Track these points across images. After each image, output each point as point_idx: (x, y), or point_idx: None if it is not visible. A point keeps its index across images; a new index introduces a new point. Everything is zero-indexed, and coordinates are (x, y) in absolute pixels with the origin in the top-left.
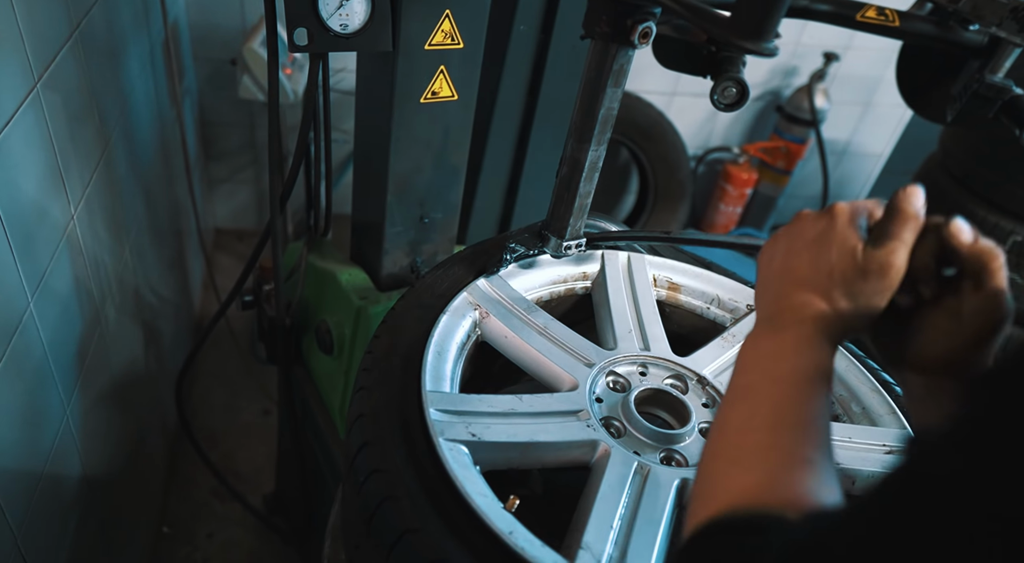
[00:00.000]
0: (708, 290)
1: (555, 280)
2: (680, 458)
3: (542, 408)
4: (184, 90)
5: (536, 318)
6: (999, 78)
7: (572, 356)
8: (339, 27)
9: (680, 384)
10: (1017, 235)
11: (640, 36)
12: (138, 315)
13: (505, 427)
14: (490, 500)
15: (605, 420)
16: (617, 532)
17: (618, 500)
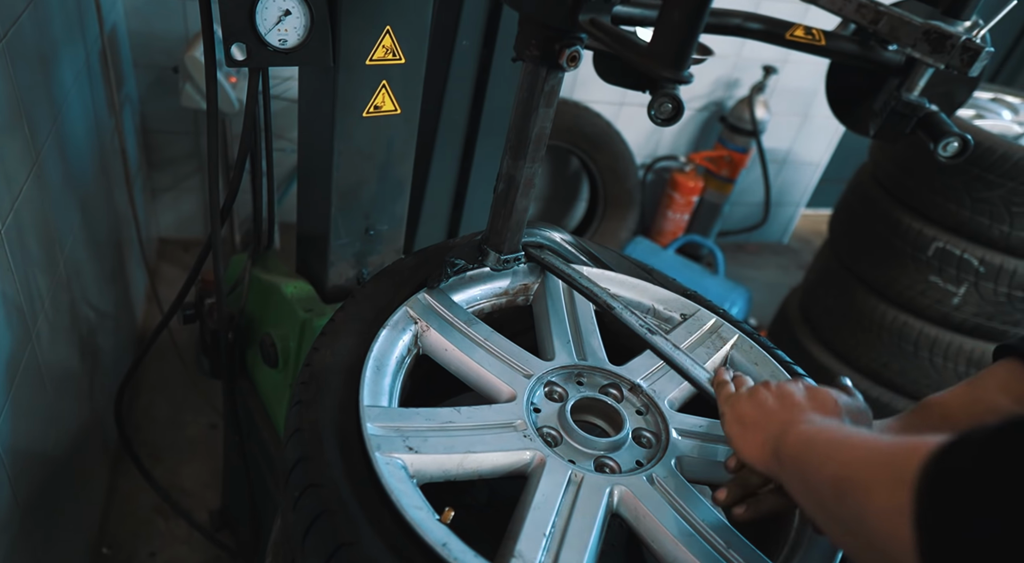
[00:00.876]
0: (644, 301)
1: (496, 292)
2: (613, 465)
3: (480, 420)
4: (124, 98)
5: (476, 330)
6: (914, 96)
7: (511, 367)
8: (278, 42)
9: (616, 392)
10: (939, 242)
11: (568, 60)
12: (75, 331)
13: (442, 440)
14: (425, 513)
15: (542, 430)
16: (549, 540)
17: (552, 508)
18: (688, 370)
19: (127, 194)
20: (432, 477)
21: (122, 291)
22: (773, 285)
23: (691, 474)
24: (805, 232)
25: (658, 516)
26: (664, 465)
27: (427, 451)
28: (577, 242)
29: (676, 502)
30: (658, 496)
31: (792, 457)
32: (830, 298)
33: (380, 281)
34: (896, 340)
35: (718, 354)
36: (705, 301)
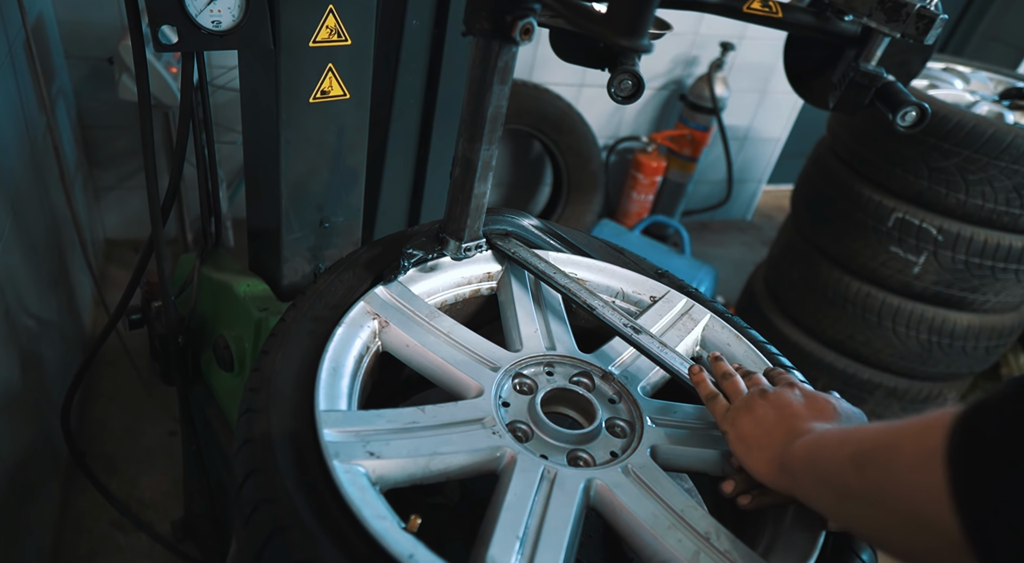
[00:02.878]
0: (612, 284)
1: (459, 282)
2: (587, 457)
3: (446, 418)
4: (56, 92)
5: (439, 324)
6: (872, 66)
7: (477, 361)
8: (211, 24)
9: (587, 382)
10: (898, 212)
11: (521, 32)
12: (11, 341)
13: (406, 442)
14: (389, 523)
15: (512, 425)
16: (523, 542)
17: (525, 508)
18: (679, 371)
19: (65, 195)
20: (397, 482)
21: (65, 297)
22: (738, 262)
23: (667, 462)
24: (767, 208)
25: (635, 509)
26: (640, 454)
27: (390, 456)
28: (545, 226)
29: (653, 493)
30: (635, 488)
31: (802, 461)
32: (794, 273)
33: (334, 275)
34: (860, 311)
35: (690, 336)
36: (677, 281)
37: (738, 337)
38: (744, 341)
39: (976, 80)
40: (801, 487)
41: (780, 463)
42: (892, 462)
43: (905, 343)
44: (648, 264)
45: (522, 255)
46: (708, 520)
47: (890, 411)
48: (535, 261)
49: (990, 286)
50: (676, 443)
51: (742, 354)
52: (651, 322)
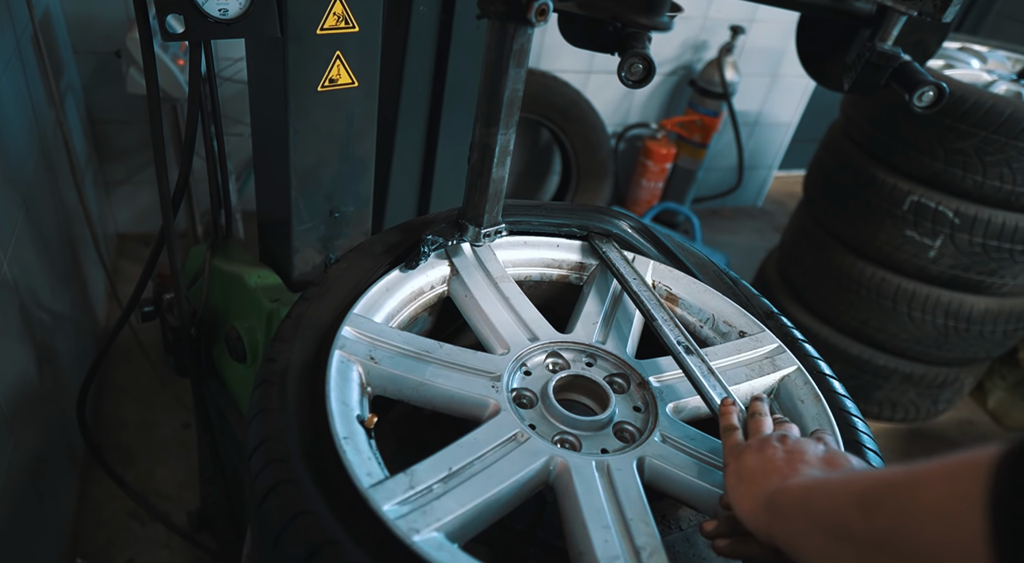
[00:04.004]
0: (705, 309)
1: (550, 264)
2: (573, 441)
3: (457, 360)
4: (65, 87)
5: (506, 288)
6: (888, 46)
7: (521, 327)
8: (218, 12)
9: (620, 382)
10: (914, 196)
11: (537, 13)
12: (27, 335)
13: (409, 362)
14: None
15: (518, 390)
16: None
17: (477, 450)
18: (710, 397)
19: (76, 190)
20: (385, 391)
21: (79, 291)
22: (750, 249)
23: (651, 479)
24: (779, 194)
25: (583, 499)
26: (624, 460)
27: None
28: (657, 236)
29: (613, 492)
30: (596, 482)
31: (795, 498)
32: (808, 258)
33: (343, 265)
34: (875, 296)
35: (762, 380)
36: (785, 328)
37: (817, 398)
38: (822, 404)
39: (993, 59)
40: (787, 531)
41: (768, 500)
42: (911, 506)
43: (921, 328)
44: (760, 302)
45: (610, 255)
46: (651, 538)
47: (906, 396)
48: (619, 263)
49: (1008, 269)
50: (670, 464)
51: (812, 415)
52: (723, 354)
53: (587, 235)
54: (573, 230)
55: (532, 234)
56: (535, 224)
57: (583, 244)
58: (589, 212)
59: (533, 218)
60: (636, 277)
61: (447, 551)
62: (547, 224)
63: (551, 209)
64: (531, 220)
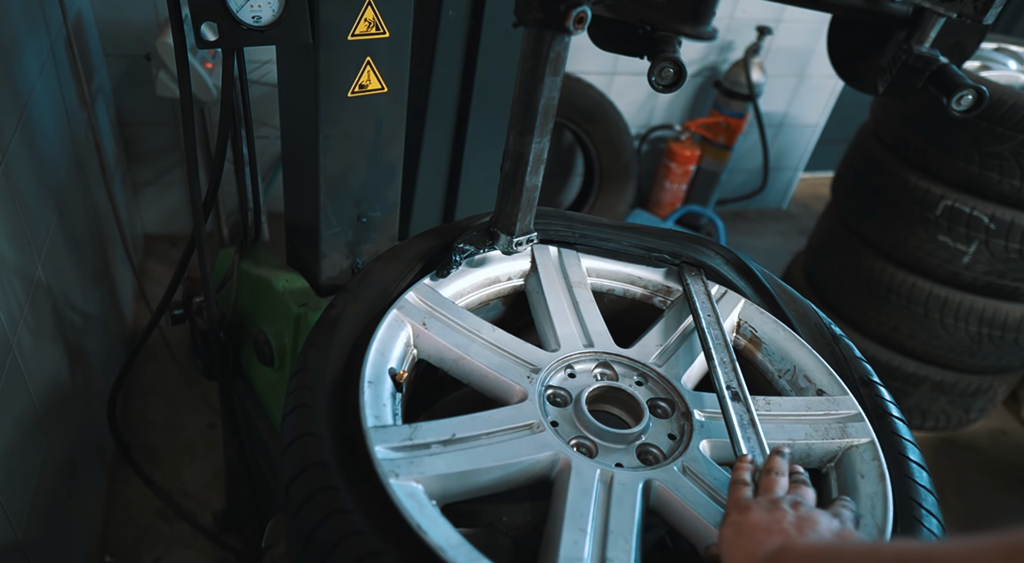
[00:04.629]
0: (788, 358)
1: (634, 281)
2: (590, 447)
3: (506, 343)
4: (96, 89)
5: (579, 295)
6: (925, 48)
7: (579, 329)
8: (251, 19)
9: (664, 406)
10: (947, 200)
11: (575, 21)
12: (59, 335)
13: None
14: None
15: (553, 390)
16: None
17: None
18: (738, 443)
19: (106, 191)
20: (429, 357)
21: (108, 292)
22: (774, 252)
23: (657, 506)
24: (804, 196)
25: (572, 498)
26: (632, 475)
27: (435, 334)
28: (757, 275)
29: (606, 501)
30: (596, 486)
31: (804, 557)
32: (836, 263)
33: (380, 265)
34: (905, 302)
35: (823, 443)
36: (878, 400)
37: (881, 477)
38: (884, 484)
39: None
40: None
41: (769, 558)
42: None
43: (953, 335)
44: (859, 366)
45: (691, 286)
46: (625, 555)
47: (936, 405)
48: (698, 295)
49: None
50: (679, 494)
51: (868, 493)
52: (789, 406)
53: (679, 263)
54: (664, 256)
55: (622, 255)
56: (625, 245)
57: (671, 268)
58: (684, 240)
59: (625, 238)
60: (711, 313)
61: (418, 501)
62: (639, 246)
63: (644, 232)
64: (622, 240)
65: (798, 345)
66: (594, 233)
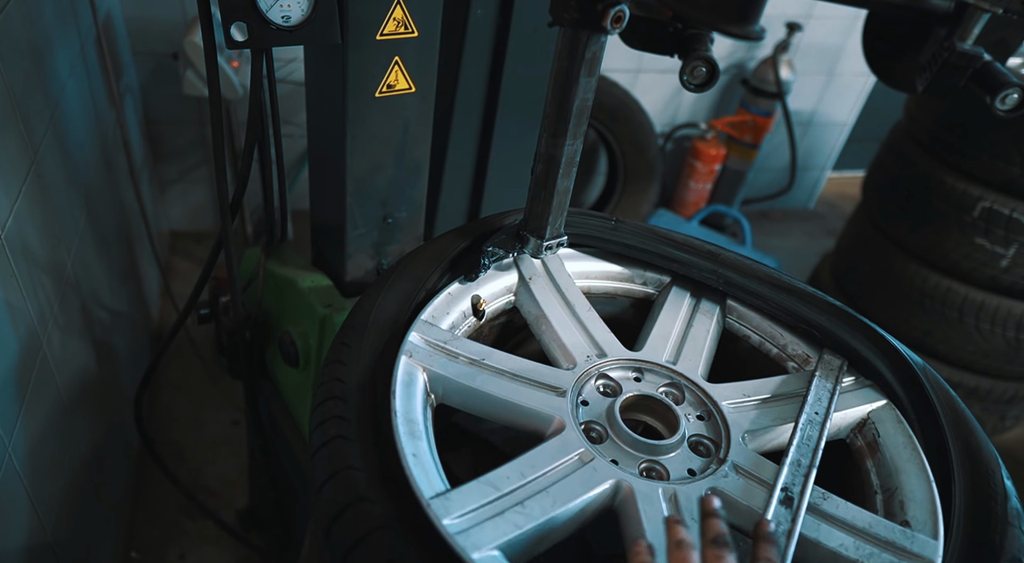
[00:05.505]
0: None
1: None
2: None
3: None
4: (124, 88)
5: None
6: (968, 45)
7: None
8: (280, 19)
9: (706, 445)
10: (985, 202)
11: (613, 20)
12: (88, 332)
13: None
14: None
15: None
16: None
17: None
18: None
19: (134, 188)
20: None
21: (135, 288)
22: (800, 253)
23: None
24: (831, 196)
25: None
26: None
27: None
28: (924, 388)
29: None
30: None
31: None
32: (866, 265)
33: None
34: (939, 307)
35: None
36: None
37: None
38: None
39: None
40: None
41: None
42: None
43: (989, 341)
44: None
45: (818, 374)
46: None
47: (971, 411)
48: (820, 388)
49: None
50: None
51: None
52: (851, 515)
53: (820, 341)
54: (803, 326)
55: (758, 309)
56: (773, 305)
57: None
58: (835, 312)
59: (777, 296)
60: (820, 413)
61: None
62: (786, 310)
63: (800, 296)
64: (773, 297)
65: (919, 470)
66: (742, 281)
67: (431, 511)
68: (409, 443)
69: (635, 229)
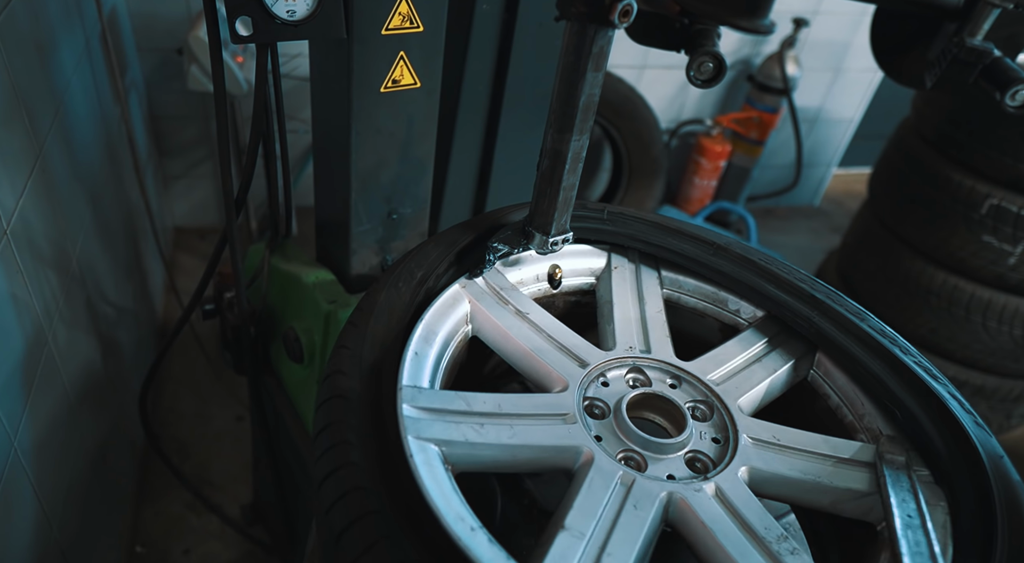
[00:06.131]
0: None
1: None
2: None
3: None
4: (129, 83)
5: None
6: (978, 41)
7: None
8: (285, 14)
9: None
10: (993, 199)
11: (620, 15)
12: (92, 328)
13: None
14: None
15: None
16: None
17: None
18: None
19: (138, 184)
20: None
21: (140, 284)
22: (805, 250)
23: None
24: (837, 193)
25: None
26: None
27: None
28: None
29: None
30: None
31: None
32: (872, 262)
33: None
34: (945, 304)
35: None
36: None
37: None
38: None
39: None
40: None
41: None
42: None
43: (996, 339)
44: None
45: (889, 475)
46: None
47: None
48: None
49: None
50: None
51: None
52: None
53: (900, 423)
54: (887, 402)
55: (857, 374)
56: (864, 368)
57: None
58: (922, 393)
59: (859, 353)
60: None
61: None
62: (880, 387)
63: (879, 353)
64: (858, 356)
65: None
66: (837, 337)
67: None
68: (419, 344)
69: (735, 257)
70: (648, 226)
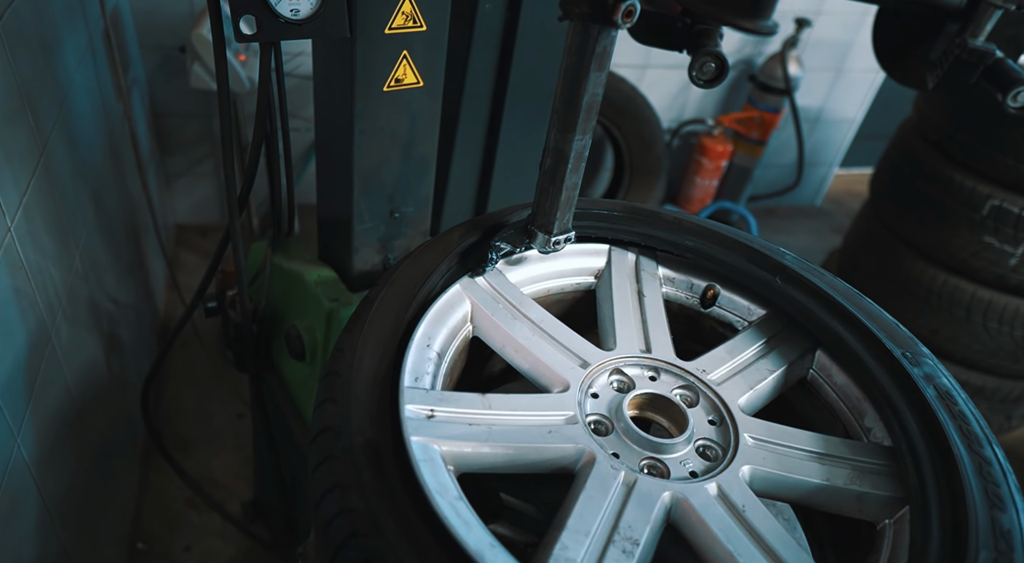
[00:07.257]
0: None
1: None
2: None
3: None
4: (131, 81)
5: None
6: (980, 42)
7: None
8: (289, 13)
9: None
10: (994, 200)
11: (624, 15)
12: (95, 324)
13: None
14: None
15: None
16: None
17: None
18: None
19: (140, 181)
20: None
21: (142, 281)
22: (807, 250)
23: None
24: (838, 193)
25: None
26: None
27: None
28: None
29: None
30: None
31: None
32: (873, 262)
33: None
34: (946, 305)
35: None
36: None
37: None
38: None
39: None
40: None
41: None
42: None
43: (997, 340)
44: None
45: None
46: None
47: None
48: None
49: None
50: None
51: None
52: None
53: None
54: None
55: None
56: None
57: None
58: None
59: (869, 360)
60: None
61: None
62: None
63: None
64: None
65: None
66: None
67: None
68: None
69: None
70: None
